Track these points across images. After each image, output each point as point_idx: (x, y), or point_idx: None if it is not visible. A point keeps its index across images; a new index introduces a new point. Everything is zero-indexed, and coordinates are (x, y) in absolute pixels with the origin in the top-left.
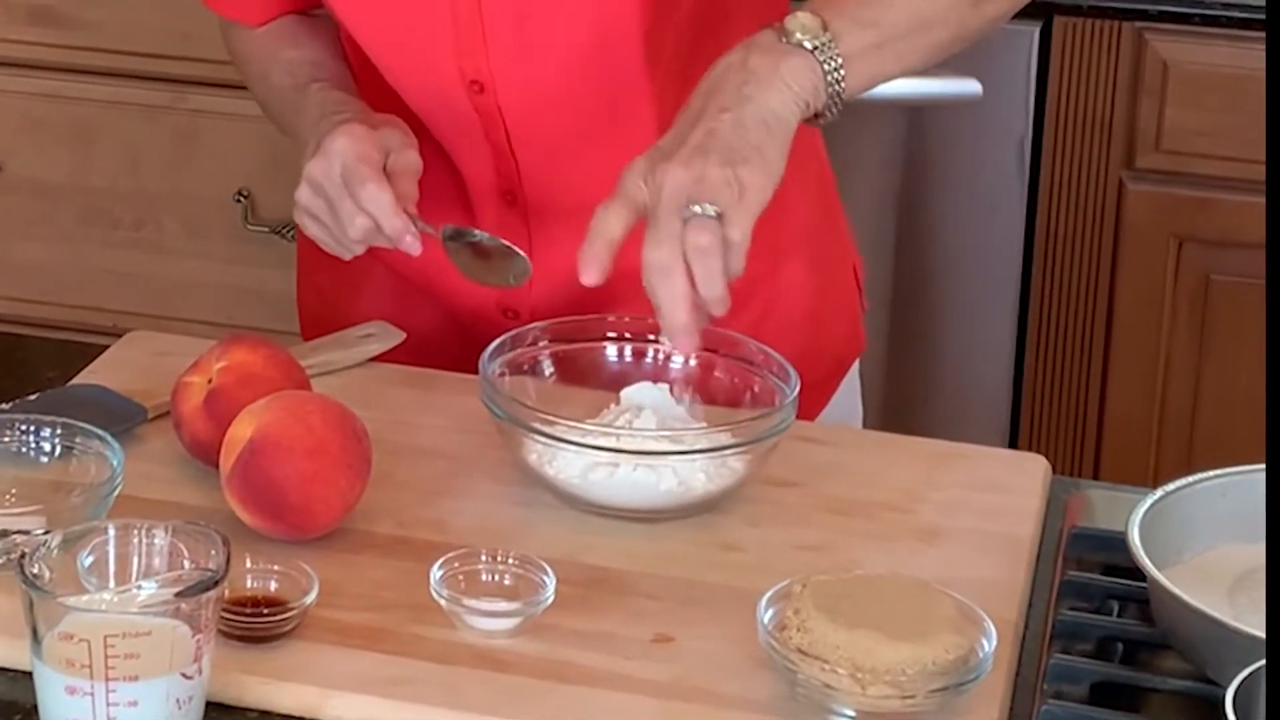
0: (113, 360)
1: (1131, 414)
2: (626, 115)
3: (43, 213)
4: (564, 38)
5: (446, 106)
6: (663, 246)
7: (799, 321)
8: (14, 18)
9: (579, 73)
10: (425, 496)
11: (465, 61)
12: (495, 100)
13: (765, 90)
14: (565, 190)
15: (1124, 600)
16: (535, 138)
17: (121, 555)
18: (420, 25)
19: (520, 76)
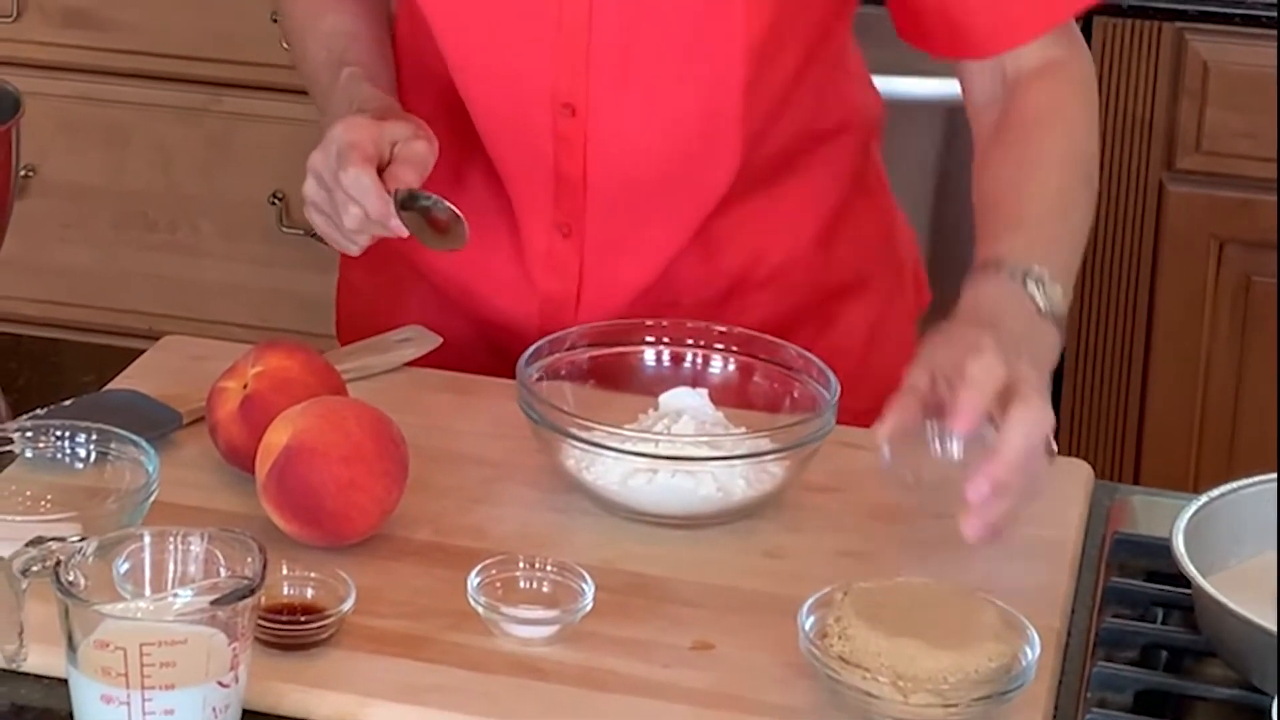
0: (148, 365)
1: (1172, 417)
2: (710, 159)
3: (77, 216)
4: (669, 69)
5: (520, 130)
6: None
7: (855, 348)
8: (48, 20)
9: (676, 106)
10: (463, 503)
11: (561, 82)
12: (584, 125)
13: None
14: (629, 226)
15: (1168, 607)
16: (615, 168)
17: (157, 562)
18: (518, 40)
19: (617, 102)
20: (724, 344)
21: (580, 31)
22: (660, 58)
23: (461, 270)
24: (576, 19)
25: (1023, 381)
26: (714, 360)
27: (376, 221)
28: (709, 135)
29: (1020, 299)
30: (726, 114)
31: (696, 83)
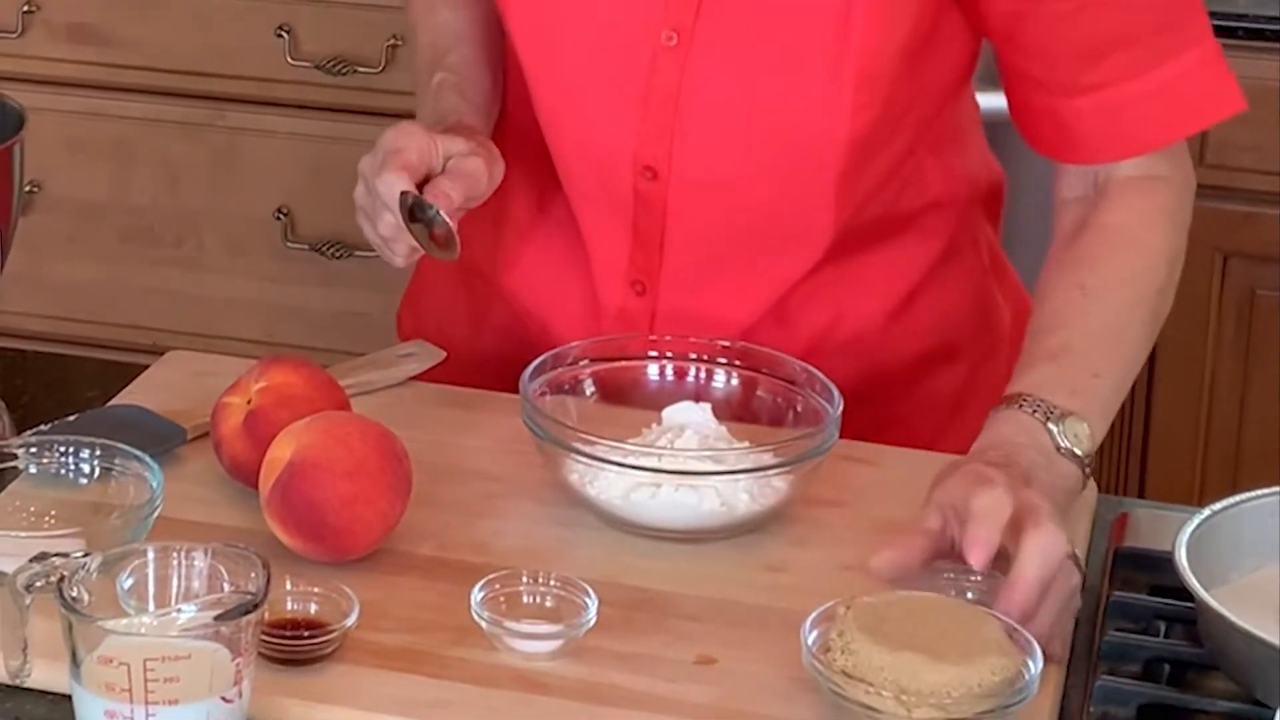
0: (152, 381)
1: (1176, 430)
2: (795, 239)
3: (83, 231)
4: (759, 151)
5: (603, 182)
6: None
7: (939, 415)
8: (53, 36)
9: (762, 187)
10: (466, 518)
11: (644, 146)
12: (665, 190)
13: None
14: (704, 293)
15: (1171, 621)
16: (693, 234)
17: (161, 578)
18: (604, 101)
19: (700, 172)
20: (727, 358)
21: (668, 99)
22: (750, 129)
23: (537, 301)
24: (667, 84)
25: (1032, 510)
26: (717, 374)
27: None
28: (797, 217)
29: (1037, 435)
30: (819, 199)
31: (789, 165)
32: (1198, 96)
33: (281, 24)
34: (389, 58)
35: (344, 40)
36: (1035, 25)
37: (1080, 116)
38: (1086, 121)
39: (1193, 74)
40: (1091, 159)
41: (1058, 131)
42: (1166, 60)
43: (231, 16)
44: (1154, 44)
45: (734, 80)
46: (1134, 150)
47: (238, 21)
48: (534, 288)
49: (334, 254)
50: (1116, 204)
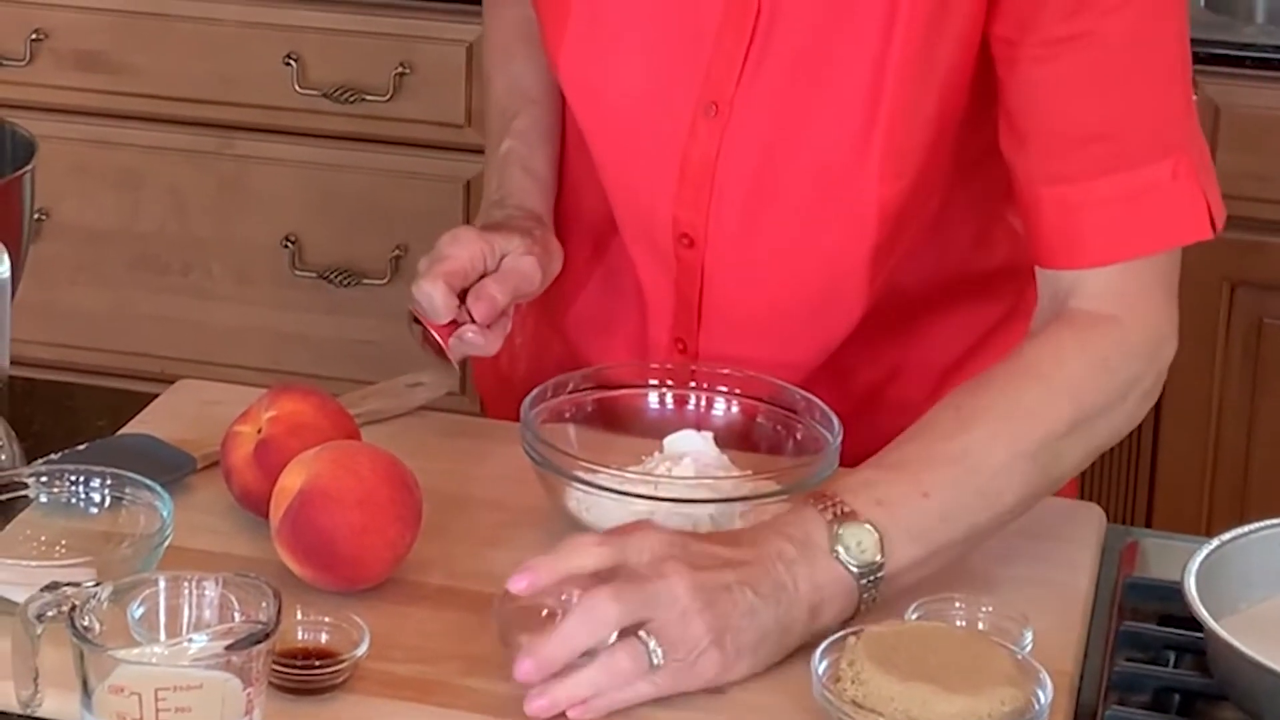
0: (162, 409)
1: (1184, 460)
2: (831, 309)
3: (90, 259)
4: (793, 220)
5: (650, 243)
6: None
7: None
8: (60, 64)
9: (797, 256)
10: (476, 547)
11: (682, 213)
12: (701, 258)
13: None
14: (743, 353)
15: (1180, 651)
16: (729, 302)
17: (172, 607)
18: (647, 165)
19: (736, 242)
20: (727, 386)
21: (705, 169)
22: (786, 201)
23: (592, 340)
24: (705, 153)
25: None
26: (717, 402)
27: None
28: (833, 284)
29: (812, 532)
30: (853, 268)
31: (825, 235)
32: (1161, 213)
33: (289, 52)
34: (396, 86)
35: (352, 69)
36: (1008, 92)
37: (1040, 208)
38: (1045, 216)
39: (1162, 187)
40: (1043, 261)
41: (1028, 222)
42: (1137, 166)
43: (239, 45)
44: (1123, 144)
45: (769, 151)
46: (1082, 261)
47: (246, 50)
48: (587, 327)
49: (341, 282)
50: (1045, 334)
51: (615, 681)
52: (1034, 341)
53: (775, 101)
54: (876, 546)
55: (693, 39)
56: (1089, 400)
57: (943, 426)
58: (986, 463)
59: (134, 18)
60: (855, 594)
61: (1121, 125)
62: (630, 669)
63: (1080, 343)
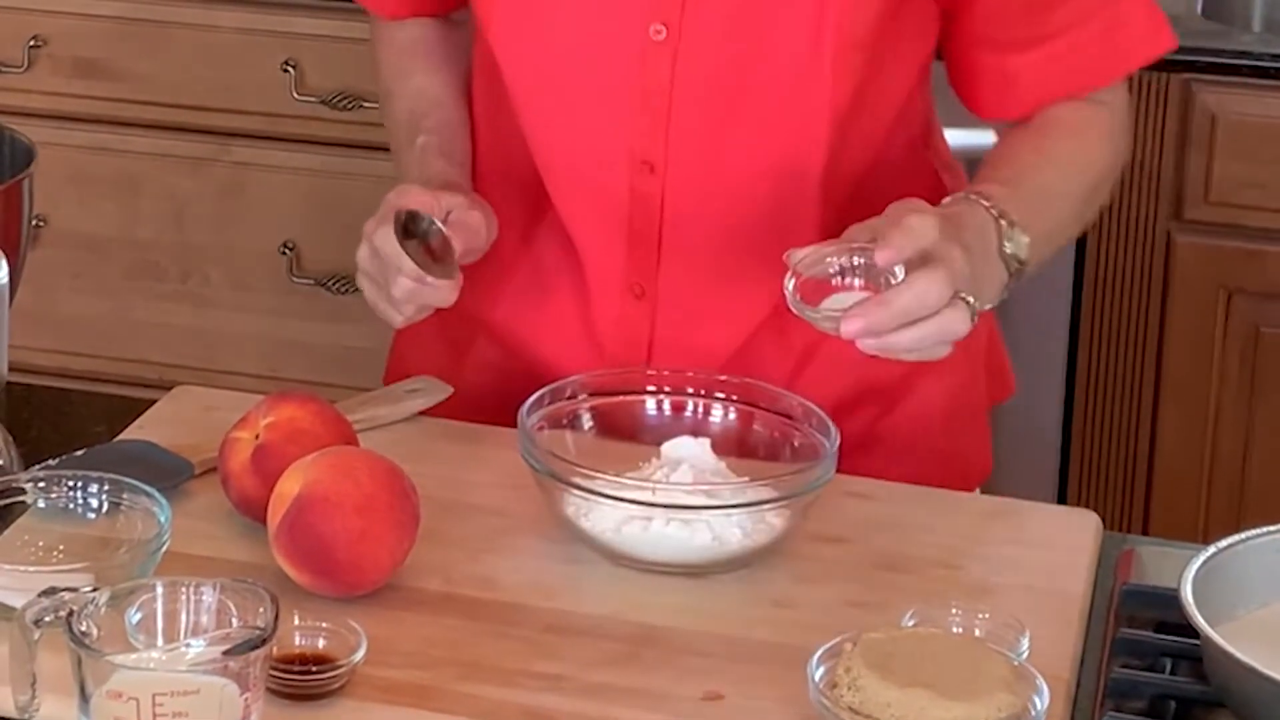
0: (160, 415)
1: (1181, 467)
2: (788, 229)
3: (88, 266)
4: (751, 131)
5: (595, 188)
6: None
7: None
8: (59, 71)
9: (756, 170)
10: (473, 553)
11: (639, 141)
12: (662, 185)
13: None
14: (704, 293)
15: (1177, 658)
16: (691, 229)
17: (169, 613)
18: (596, 98)
19: (696, 161)
20: (725, 393)
21: (662, 90)
22: (743, 118)
23: (527, 330)
24: (659, 78)
25: (946, 259)
26: (715, 409)
27: (417, 285)
28: (788, 204)
29: (986, 228)
30: (807, 182)
31: (779, 147)
32: (1135, 37)
33: (287, 59)
34: None
35: (349, 75)
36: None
37: (1026, 69)
38: (1032, 73)
39: (1132, 15)
40: (1035, 107)
41: (1003, 88)
42: (1108, 6)
43: (237, 52)
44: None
45: (724, 67)
46: (1075, 92)
47: (244, 57)
48: (522, 319)
49: (339, 288)
50: (1064, 110)
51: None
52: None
53: (723, 15)
54: (1027, 247)
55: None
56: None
57: (1031, 162)
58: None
59: (133, 25)
60: (1002, 289)
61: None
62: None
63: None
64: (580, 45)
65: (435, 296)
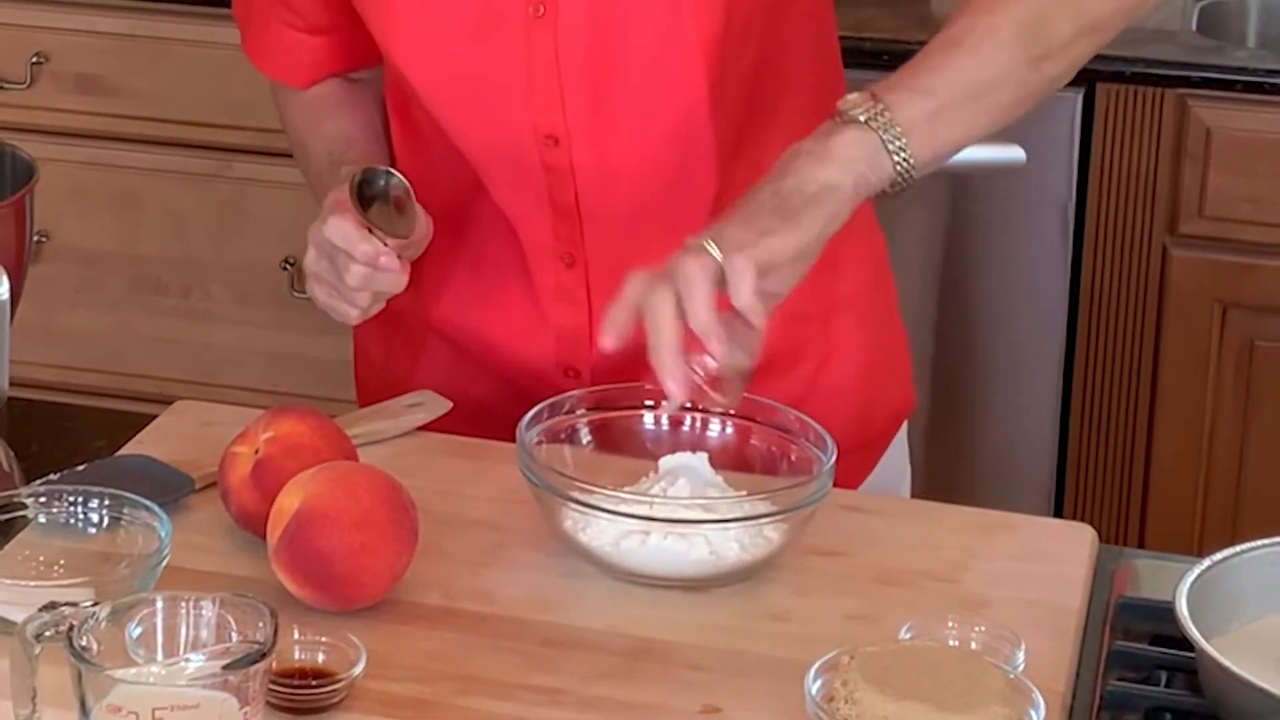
0: (160, 430)
1: (1176, 480)
2: (692, 176)
3: (90, 281)
4: (636, 92)
5: (513, 164)
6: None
7: (852, 379)
8: (62, 87)
9: (649, 128)
10: (472, 567)
11: (540, 116)
12: (569, 156)
13: (814, 163)
14: (629, 251)
15: (1172, 670)
16: (604, 198)
17: (169, 627)
18: (493, 79)
19: (595, 129)
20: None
21: (549, 64)
22: (627, 82)
23: (475, 317)
24: (545, 53)
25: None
26: (712, 423)
27: (368, 265)
28: (686, 153)
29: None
30: (698, 127)
31: (664, 102)
32: None
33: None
34: None
35: None
36: None
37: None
38: None
39: None
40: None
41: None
42: None
43: (238, 68)
44: None
45: (598, 38)
46: None
47: (244, 73)
48: (468, 308)
49: None
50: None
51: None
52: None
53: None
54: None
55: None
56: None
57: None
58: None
59: (134, 41)
60: (872, 139)
61: None
62: (695, 267)
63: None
64: (468, 29)
65: (386, 281)
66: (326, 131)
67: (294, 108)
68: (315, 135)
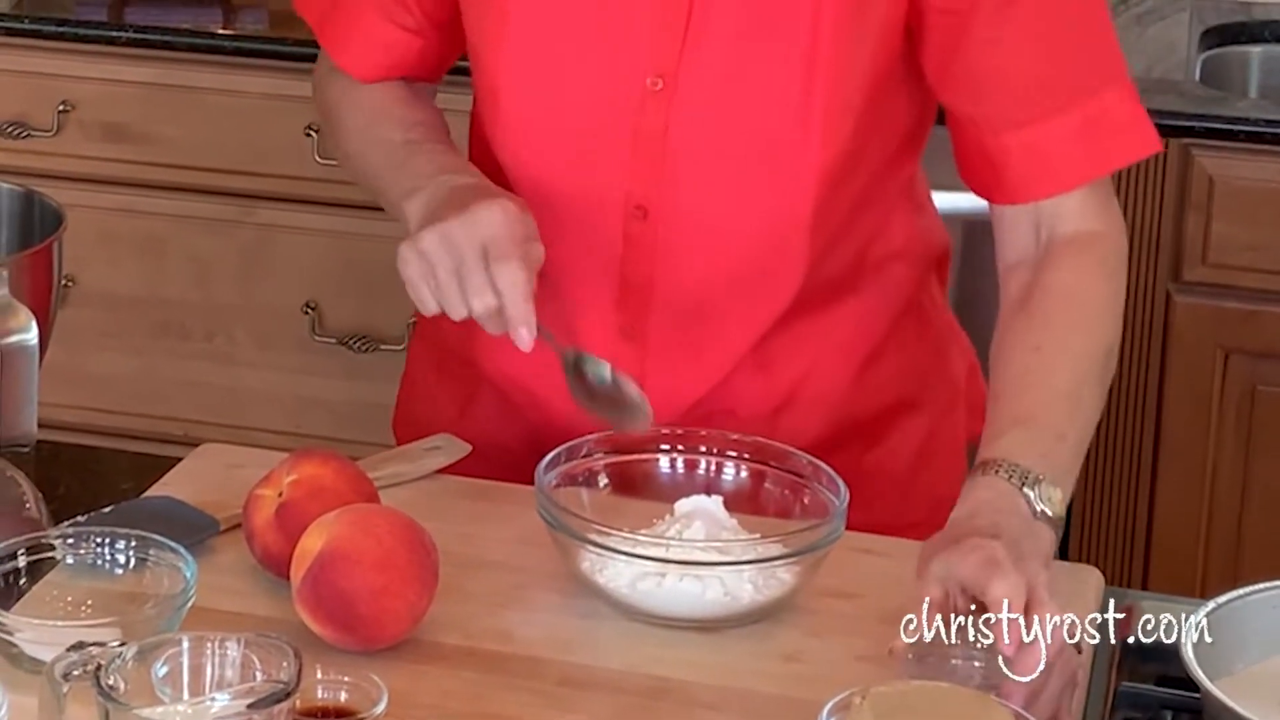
0: (185, 472)
1: (1180, 523)
2: (776, 271)
3: (116, 325)
4: (743, 181)
5: (593, 229)
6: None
7: (904, 465)
8: (89, 135)
9: (747, 217)
10: (491, 608)
11: (635, 185)
12: (655, 230)
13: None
14: (693, 333)
15: (1178, 711)
16: (683, 274)
17: (195, 666)
18: (596, 141)
19: (690, 207)
20: (736, 451)
21: (657, 137)
22: (735, 166)
23: (524, 374)
24: (654, 125)
25: (1035, 590)
26: (727, 467)
27: (509, 320)
28: (777, 248)
29: (1016, 502)
30: (795, 230)
31: (769, 196)
32: (1117, 135)
33: (310, 124)
34: None
35: None
36: (965, 57)
37: (1008, 154)
38: (1013, 159)
39: (1111, 113)
40: (1020, 197)
41: (989, 170)
42: (1086, 99)
43: (261, 117)
44: (1074, 82)
45: (717, 119)
46: (1058, 187)
47: (267, 122)
48: (522, 364)
49: (360, 347)
50: (1059, 267)
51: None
52: (1056, 269)
53: (718, 71)
54: (1060, 500)
55: (632, 17)
56: (1113, 304)
57: (1036, 369)
58: (1083, 391)
59: (159, 90)
60: (1054, 546)
61: (1074, 62)
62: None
63: (1091, 260)
64: (582, 90)
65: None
66: (401, 114)
67: (351, 90)
68: (385, 116)
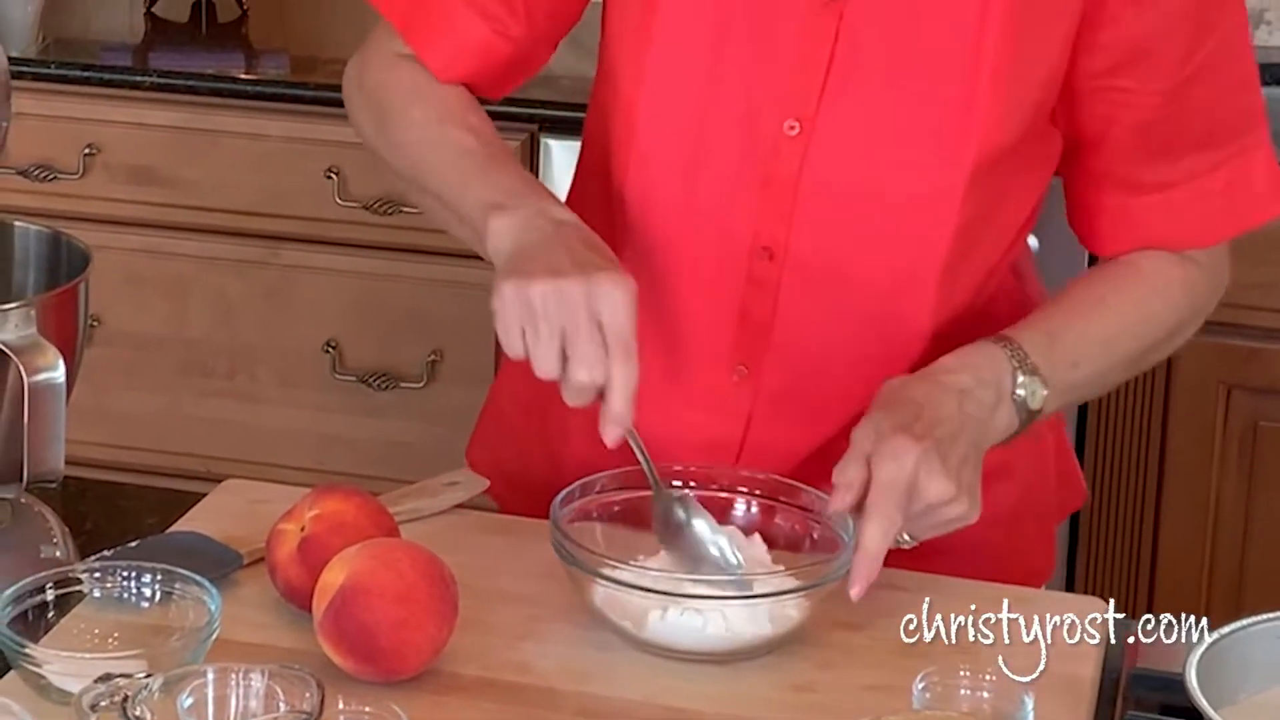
0: (210, 508)
1: (1184, 555)
2: (899, 326)
3: (141, 364)
4: (873, 228)
5: (715, 269)
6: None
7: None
8: (114, 178)
9: (874, 266)
10: (510, 640)
11: (764, 227)
12: (780, 271)
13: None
14: (810, 371)
15: None
16: (803, 317)
17: (220, 697)
18: (726, 182)
19: (816, 252)
20: (747, 487)
21: (790, 180)
22: (868, 217)
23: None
24: (788, 169)
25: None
26: (738, 502)
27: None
28: (899, 308)
29: (1001, 374)
30: (920, 291)
31: (900, 249)
32: (1256, 195)
33: (330, 166)
34: None
35: (389, 182)
36: (1122, 128)
37: (1148, 211)
38: (1152, 215)
39: (1255, 172)
40: (1148, 246)
41: (1120, 227)
42: (1236, 159)
43: (284, 159)
44: (1229, 145)
45: (853, 167)
46: (1191, 244)
47: (290, 164)
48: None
49: (380, 385)
50: (1153, 260)
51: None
52: (1148, 259)
53: (858, 117)
54: (1043, 399)
55: (773, 59)
56: (1184, 316)
57: (1091, 312)
58: (1118, 349)
59: (183, 133)
60: (1009, 435)
61: (1222, 129)
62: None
63: (1180, 275)
64: (718, 130)
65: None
66: (472, 123)
67: (425, 92)
68: (456, 120)
